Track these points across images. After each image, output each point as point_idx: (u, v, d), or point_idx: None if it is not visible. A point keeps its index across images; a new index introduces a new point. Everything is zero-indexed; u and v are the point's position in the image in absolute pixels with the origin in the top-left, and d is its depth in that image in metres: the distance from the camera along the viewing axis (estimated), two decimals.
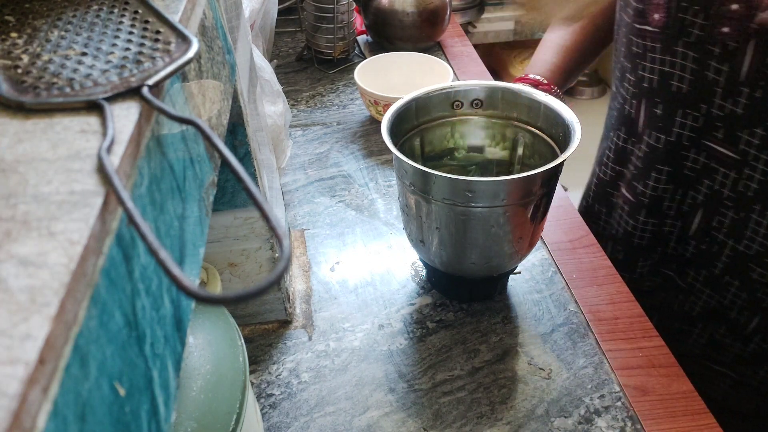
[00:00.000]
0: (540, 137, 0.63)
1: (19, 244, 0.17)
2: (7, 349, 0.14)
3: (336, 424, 0.55)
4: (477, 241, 0.58)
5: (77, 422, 0.16)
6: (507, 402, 0.57)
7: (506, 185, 0.53)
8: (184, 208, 0.27)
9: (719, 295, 0.72)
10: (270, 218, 0.20)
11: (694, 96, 0.65)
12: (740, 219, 0.66)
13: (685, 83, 0.65)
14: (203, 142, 0.31)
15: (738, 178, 0.64)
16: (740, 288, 0.69)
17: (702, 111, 0.65)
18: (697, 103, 0.65)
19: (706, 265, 0.72)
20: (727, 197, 0.66)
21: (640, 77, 0.70)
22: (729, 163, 0.65)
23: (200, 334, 0.42)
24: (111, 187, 0.19)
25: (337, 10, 1.07)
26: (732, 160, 0.64)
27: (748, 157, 0.63)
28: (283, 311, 0.64)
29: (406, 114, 0.63)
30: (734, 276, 0.69)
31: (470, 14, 1.84)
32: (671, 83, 0.66)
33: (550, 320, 0.65)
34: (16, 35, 0.26)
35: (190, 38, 0.26)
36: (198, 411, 0.37)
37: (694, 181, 0.69)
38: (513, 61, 2.22)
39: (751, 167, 0.63)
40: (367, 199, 0.82)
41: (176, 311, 0.25)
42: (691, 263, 0.74)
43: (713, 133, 0.65)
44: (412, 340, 0.63)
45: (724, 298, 0.71)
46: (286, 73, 1.14)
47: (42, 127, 0.22)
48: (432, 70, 1.00)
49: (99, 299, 0.18)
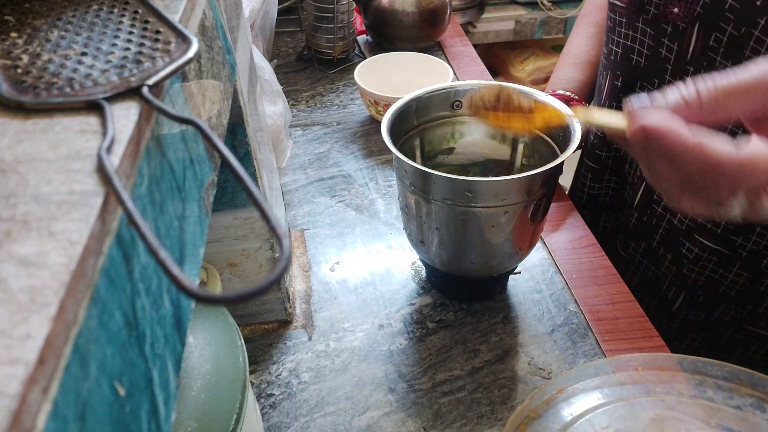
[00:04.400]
0: (540, 137, 0.63)
1: (19, 244, 0.17)
2: (7, 349, 0.14)
3: (336, 424, 0.55)
4: (477, 241, 0.58)
5: (77, 422, 0.16)
6: (507, 402, 0.57)
7: (506, 185, 0.53)
8: (184, 208, 0.27)
9: (655, 267, 0.76)
10: (270, 218, 0.20)
11: (649, 70, 0.68)
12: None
13: (643, 58, 0.69)
14: (203, 142, 0.31)
15: None
16: (672, 261, 0.73)
17: (655, 85, 0.68)
18: (651, 78, 0.69)
19: (645, 237, 0.76)
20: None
21: (609, 50, 0.75)
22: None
23: (200, 334, 0.42)
24: (111, 187, 0.19)
25: (337, 10, 1.07)
26: None
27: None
28: (283, 311, 0.64)
29: (406, 114, 0.63)
30: (668, 249, 0.73)
31: (470, 14, 1.84)
32: (631, 57, 0.70)
33: (550, 320, 0.65)
34: (16, 35, 0.26)
35: (190, 38, 0.26)
36: (198, 411, 0.37)
37: None
38: (513, 61, 2.22)
39: None
40: (367, 199, 0.82)
41: (176, 311, 0.25)
42: (633, 234, 0.78)
43: None
44: (412, 340, 0.63)
45: (659, 270, 0.75)
46: (286, 73, 1.14)
47: (42, 127, 0.22)
48: (432, 70, 1.00)
49: (99, 299, 0.18)
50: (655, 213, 0.73)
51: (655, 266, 0.76)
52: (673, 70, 0.65)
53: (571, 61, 0.87)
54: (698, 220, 0.68)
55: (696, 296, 0.72)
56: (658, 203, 0.72)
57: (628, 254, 0.80)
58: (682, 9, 0.61)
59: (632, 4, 0.67)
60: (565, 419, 0.50)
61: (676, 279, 0.73)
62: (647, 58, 0.68)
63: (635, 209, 0.76)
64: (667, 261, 0.74)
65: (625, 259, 0.80)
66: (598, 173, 0.83)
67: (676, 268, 0.73)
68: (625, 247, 0.80)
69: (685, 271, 0.72)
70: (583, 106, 0.83)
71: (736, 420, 0.49)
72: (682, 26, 0.62)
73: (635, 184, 0.75)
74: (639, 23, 0.67)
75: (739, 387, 0.51)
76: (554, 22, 1.94)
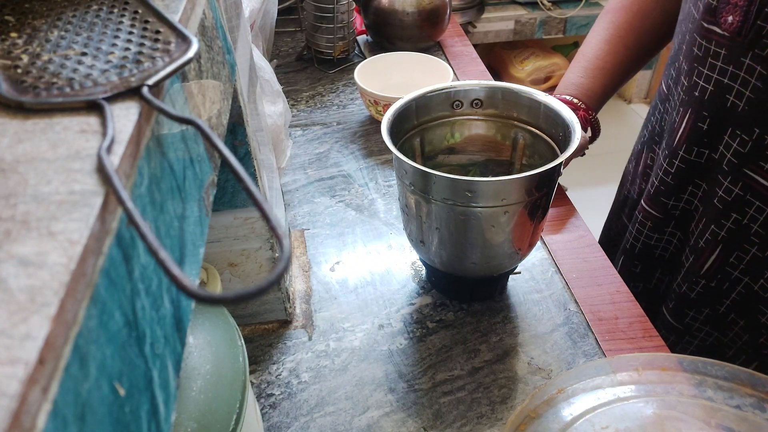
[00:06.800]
0: (540, 137, 0.63)
1: (19, 244, 0.17)
2: (7, 349, 0.14)
3: (336, 424, 0.55)
4: (477, 241, 0.58)
5: (77, 422, 0.16)
6: (507, 402, 0.57)
7: (506, 185, 0.53)
8: (184, 208, 0.27)
9: (719, 334, 0.68)
10: (270, 218, 0.20)
11: (749, 116, 0.57)
12: (763, 258, 0.61)
13: (743, 101, 0.57)
14: (203, 142, 0.31)
15: None
16: (744, 329, 0.66)
17: (753, 135, 0.57)
18: (750, 126, 0.57)
19: (711, 304, 0.67)
20: (755, 233, 0.61)
21: (693, 84, 0.62)
22: (766, 196, 0.58)
23: (200, 334, 0.42)
24: (111, 187, 0.19)
25: (337, 10, 1.07)
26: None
27: None
28: (283, 311, 0.64)
29: (406, 114, 0.63)
30: (741, 315, 0.65)
31: (470, 14, 1.84)
32: (727, 97, 0.59)
33: (550, 320, 0.65)
34: (16, 35, 0.26)
35: (190, 38, 0.26)
36: (198, 411, 0.37)
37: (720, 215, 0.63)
38: (513, 61, 2.22)
39: None
40: (367, 199, 0.82)
41: (176, 311, 0.25)
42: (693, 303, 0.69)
43: (759, 163, 0.58)
44: (412, 340, 0.63)
45: (724, 336, 0.68)
46: (286, 73, 1.14)
47: (42, 127, 0.22)
48: (432, 70, 1.00)
49: (99, 299, 0.18)
50: (729, 277, 0.64)
51: (720, 332, 0.68)
52: None
53: (584, 65, 0.80)
54: None
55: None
56: (734, 266, 0.63)
57: (684, 324, 0.70)
58: None
59: (740, 35, 0.55)
60: (565, 419, 0.50)
61: (748, 347, 0.66)
62: (748, 102, 0.57)
63: (702, 276, 0.66)
64: (737, 327, 0.66)
65: (678, 330, 0.71)
66: (660, 223, 0.72)
67: (750, 336, 0.65)
68: (678, 316, 0.71)
69: (762, 341, 0.64)
70: (590, 116, 0.78)
71: (736, 420, 0.49)
72: None
73: (704, 249, 0.65)
74: (746, 59, 0.55)
75: (739, 387, 0.51)
76: (554, 22, 1.94)
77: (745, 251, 0.62)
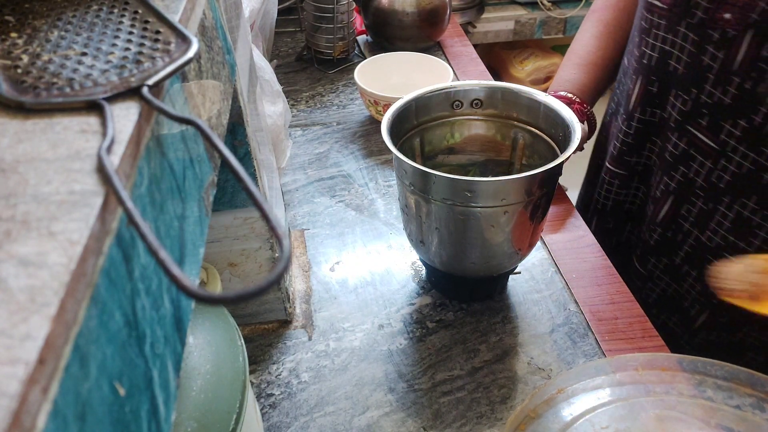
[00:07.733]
0: (540, 137, 0.63)
1: (19, 244, 0.17)
2: (7, 349, 0.14)
3: (336, 424, 0.55)
4: (477, 241, 0.58)
5: (77, 422, 0.16)
6: (507, 402, 0.57)
7: (506, 185, 0.53)
8: (184, 208, 0.27)
9: (677, 284, 0.74)
10: (270, 218, 0.20)
11: (687, 78, 0.65)
12: (708, 210, 0.67)
13: (682, 65, 0.65)
14: (203, 142, 0.31)
15: (713, 169, 0.65)
16: (696, 279, 0.71)
17: (692, 95, 0.65)
18: (688, 86, 0.65)
19: (668, 253, 0.73)
20: (699, 187, 0.67)
21: (641, 53, 0.71)
22: (706, 151, 0.65)
23: (200, 334, 0.42)
24: (111, 187, 0.19)
25: (337, 10, 1.07)
26: (710, 149, 0.65)
27: (727, 147, 0.63)
28: (283, 311, 0.64)
29: (406, 114, 0.63)
30: (693, 267, 0.71)
31: (470, 14, 1.84)
32: (669, 62, 0.67)
33: (550, 320, 0.65)
34: (16, 35, 0.26)
35: (190, 38, 0.26)
36: (198, 411, 0.37)
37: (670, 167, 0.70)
38: (513, 61, 2.22)
39: (727, 158, 0.64)
40: (367, 199, 0.82)
41: (176, 311, 0.25)
42: (653, 250, 0.75)
43: (698, 120, 0.65)
44: (412, 340, 0.63)
45: (681, 287, 0.73)
46: (286, 73, 1.14)
47: (42, 127, 0.22)
48: (432, 70, 1.00)
49: (99, 299, 0.18)
50: (682, 229, 0.70)
51: (677, 283, 0.74)
52: (715, 79, 0.62)
53: (576, 61, 0.84)
54: (729, 238, 0.66)
55: (720, 316, 0.70)
56: (685, 218, 0.70)
57: (647, 270, 0.77)
58: (736, 15, 0.58)
59: (676, 6, 0.63)
60: (565, 419, 0.50)
61: (701, 297, 0.71)
62: (686, 66, 0.64)
63: (658, 225, 0.74)
64: (690, 278, 0.72)
65: (643, 275, 0.78)
66: (626, 180, 0.80)
67: (701, 286, 0.70)
68: (643, 262, 0.78)
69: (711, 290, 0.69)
70: (585, 109, 0.81)
71: (735, 420, 0.49)
72: (732, 33, 0.59)
73: (659, 198, 0.73)
74: (681, 27, 0.63)
75: (738, 387, 0.51)
76: (554, 22, 1.94)
77: (693, 204, 0.68)
